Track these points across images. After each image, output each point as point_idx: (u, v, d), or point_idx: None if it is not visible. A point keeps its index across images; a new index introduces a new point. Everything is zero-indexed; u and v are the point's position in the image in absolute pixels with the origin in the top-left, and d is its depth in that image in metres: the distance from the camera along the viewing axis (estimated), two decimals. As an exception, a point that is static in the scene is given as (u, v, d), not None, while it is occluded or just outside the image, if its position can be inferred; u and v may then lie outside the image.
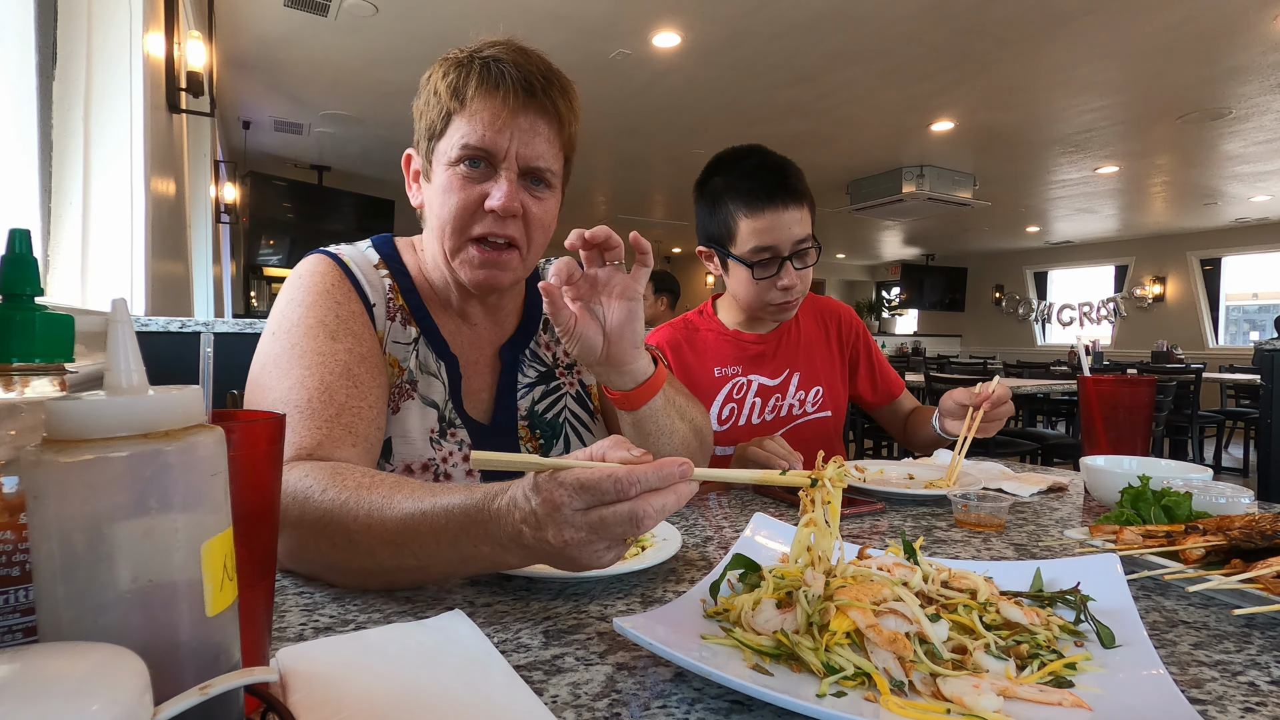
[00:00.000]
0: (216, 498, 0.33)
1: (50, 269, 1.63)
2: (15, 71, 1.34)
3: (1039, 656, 0.51)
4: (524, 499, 0.56)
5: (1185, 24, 3.94)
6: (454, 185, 0.87)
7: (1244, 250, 10.04)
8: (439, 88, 0.87)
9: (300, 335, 0.83)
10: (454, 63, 0.87)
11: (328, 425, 0.78)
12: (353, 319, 0.87)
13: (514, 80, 0.85)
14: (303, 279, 0.89)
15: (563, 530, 0.54)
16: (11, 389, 0.37)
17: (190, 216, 4.17)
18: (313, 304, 0.86)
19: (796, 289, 1.37)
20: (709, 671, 0.44)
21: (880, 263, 14.79)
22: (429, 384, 0.94)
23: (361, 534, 0.63)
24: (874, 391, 1.60)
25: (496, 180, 0.87)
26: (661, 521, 0.57)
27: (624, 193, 9.04)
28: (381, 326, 0.92)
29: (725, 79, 4.91)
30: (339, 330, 0.85)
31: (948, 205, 7.68)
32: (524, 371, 1.03)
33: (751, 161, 1.38)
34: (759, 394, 1.46)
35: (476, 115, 0.85)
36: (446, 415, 0.94)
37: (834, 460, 0.58)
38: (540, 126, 0.88)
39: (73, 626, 0.29)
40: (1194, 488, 0.85)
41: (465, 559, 0.61)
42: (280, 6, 3.91)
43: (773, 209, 1.33)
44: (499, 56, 0.86)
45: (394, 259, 0.98)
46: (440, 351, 0.96)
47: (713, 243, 1.43)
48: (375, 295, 0.92)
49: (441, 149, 0.88)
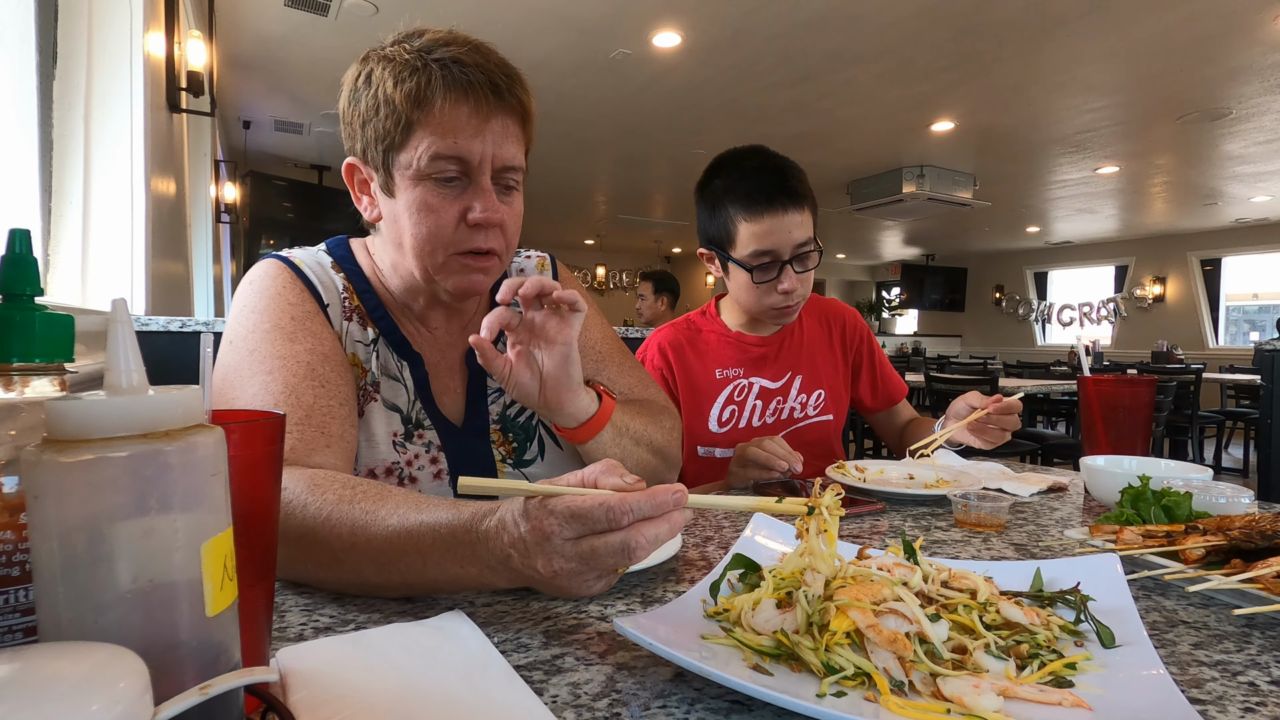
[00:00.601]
0: (216, 498, 0.33)
1: (50, 269, 1.63)
2: (15, 71, 1.34)
3: (1039, 656, 0.51)
4: (513, 524, 0.54)
5: (1185, 24, 3.94)
6: (430, 203, 0.82)
7: (1244, 250, 10.05)
8: (390, 95, 0.80)
9: (258, 340, 0.81)
10: (404, 66, 0.80)
11: (299, 429, 0.76)
12: (309, 319, 0.85)
13: (481, 84, 0.80)
14: (254, 284, 0.86)
15: (552, 560, 0.52)
16: (11, 389, 0.37)
17: (190, 216, 4.17)
18: (266, 308, 0.83)
19: (797, 293, 1.36)
20: (709, 671, 0.44)
21: (880, 263, 14.79)
22: (391, 387, 0.91)
23: (346, 552, 0.62)
24: (874, 396, 1.59)
25: (474, 191, 0.83)
26: (654, 552, 0.55)
27: (624, 193, 9.04)
28: (339, 326, 0.89)
29: (725, 79, 4.91)
30: (296, 331, 0.82)
31: (948, 205, 7.69)
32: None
33: (752, 163, 1.36)
34: (760, 396, 1.45)
35: (447, 124, 0.80)
36: (412, 417, 0.92)
37: (831, 489, 0.57)
38: (511, 127, 0.84)
39: (73, 626, 0.29)
40: (1194, 488, 0.85)
41: (453, 579, 0.60)
42: (280, 6, 3.91)
43: (772, 213, 1.31)
44: (458, 58, 0.80)
45: (348, 259, 0.95)
46: (402, 351, 0.93)
47: (713, 245, 1.43)
48: (329, 295, 0.89)
49: (404, 160, 0.82)
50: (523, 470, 0.98)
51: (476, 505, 0.60)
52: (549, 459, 1.01)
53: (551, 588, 0.55)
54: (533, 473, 0.99)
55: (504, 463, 0.97)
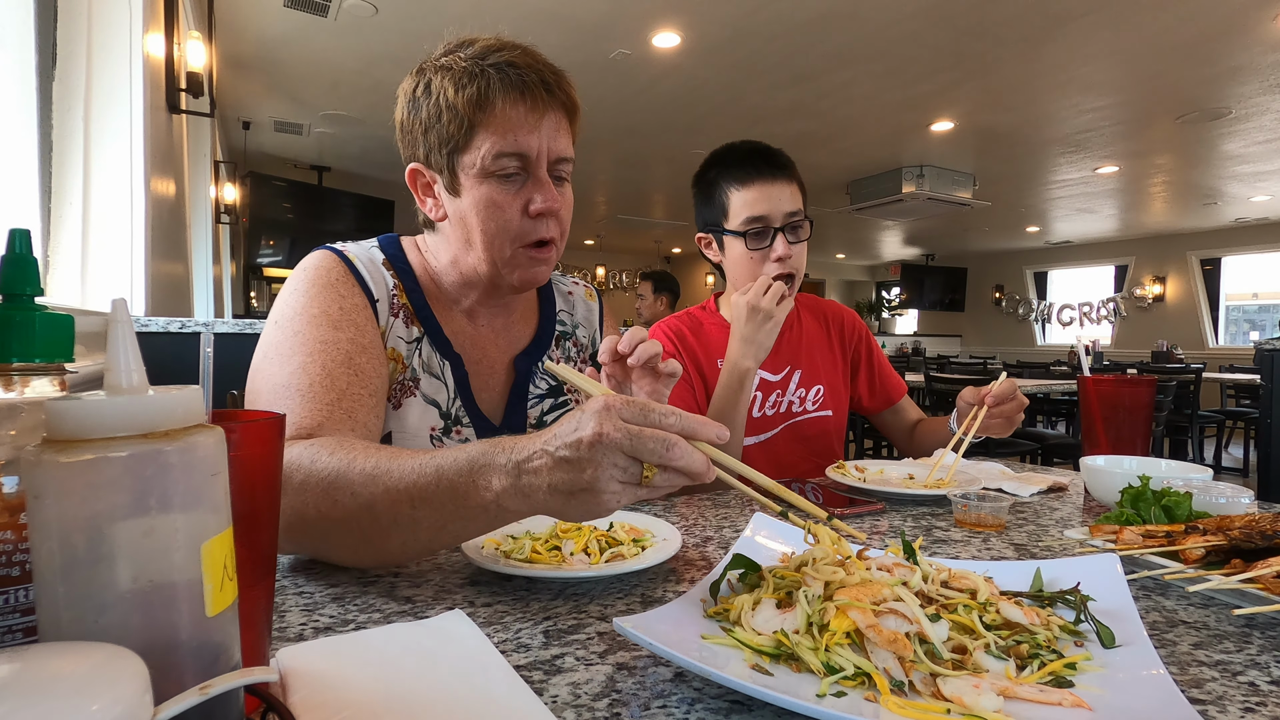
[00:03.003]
0: (216, 498, 0.33)
1: (50, 269, 1.63)
2: (15, 71, 1.34)
3: (1039, 656, 0.51)
4: (574, 413, 0.56)
5: (1185, 24, 3.94)
6: (498, 200, 0.89)
7: (1244, 250, 10.04)
8: (452, 100, 0.87)
9: (303, 324, 0.85)
10: (463, 73, 0.87)
11: (328, 409, 0.79)
12: (355, 311, 0.89)
13: (535, 83, 0.88)
14: (307, 272, 0.91)
15: (603, 424, 0.53)
16: (11, 389, 0.37)
17: (190, 217, 4.17)
18: (317, 295, 0.88)
19: (790, 263, 1.39)
20: (709, 671, 0.44)
21: (880, 263, 14.79)
22: (432, 384, 0.95)
23: (364, 485, 0.64)
24: (871, 395, 1.61)
25: (534, 183, 0.90)
26: (677, 471, 0.55)
27: (624, 193, 9.04)
28: (384, 321, 0.93)
29: (725, 79, 4.91)
30: (341, 320, 0.87)
31: (948, 205, 7.68)
32: (535, 383, 1.05)
33: (742, 146, 1.45)
34: (759, 388, 1.47)
35: (506, 122, 0.87)
36: (452, 413, 0.96)
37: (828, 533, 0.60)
38: (562, 121, 0.92)
39: (73, 626, 0.29)
40: (1194, 488, 0.85)
41: (464, 511, 0.60)
42: (280, 7, 3.91)
43: (762, 180, 1.39)
44: (512, 61, 0.87)
45: (399, 258, 0.99)
46: (444, 351, 0.97)
47: (709, 227, 1.48)
48: (379, 290, 0.93)
49: (468, 160, 0.89)
50: None
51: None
52: None
53: (575, 480, 0.54)
54: None
55: None
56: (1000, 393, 1.23)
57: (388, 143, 6.48)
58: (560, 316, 1.13)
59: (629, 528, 0.82)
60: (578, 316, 1.15)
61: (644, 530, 0.82)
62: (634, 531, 0.81)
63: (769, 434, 1.47)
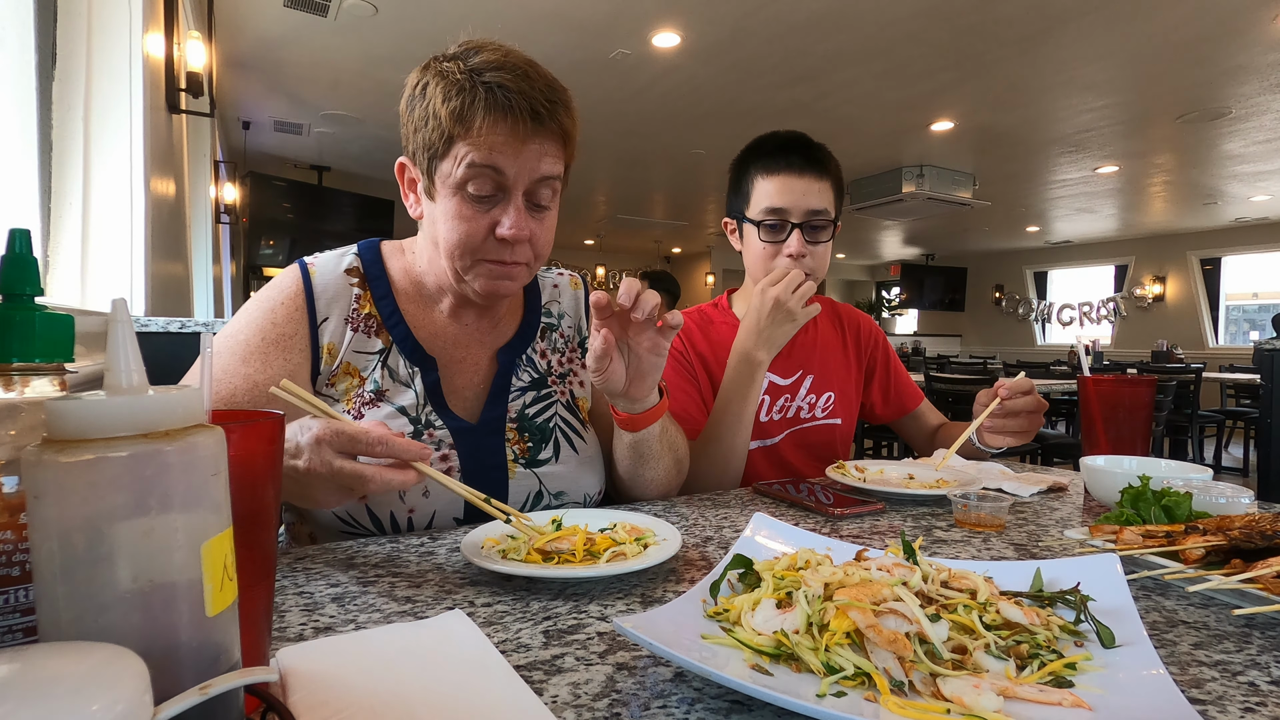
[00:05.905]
0: (216, 498, 0.33)
1: (50, 269, 1.63)
2: (15, 72, 1.34)
3: (1039, 656, 0.51)
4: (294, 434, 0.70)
5: (1185, 24, 3.94)
6: (462, 213, 0.89)
7: (1244, 250, 10.04)
8: (437, 109, 0.86)
9: (223, 344, 0.90)
10: (454, 84, 0.86)
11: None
12: (280, 342, 0.92)
13: (521, 109, 0.85)
14: (264, 290, 0.95)
15: (311, 459, 0.68)
16: (11, 389, 0.37)
17: (190, 217, 4.17)
18: (250, 320, 0.92)
19: (806, 263, 1.34)
20: (709, 671, 0.44)
21: (880, 263, 14.79)
22: (399, 393, 0.95)
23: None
24: (885, 403, 1.56)
25: (504, 206, 0.89)
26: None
27: (624, 193, 9.04)
28: (332, 339, 0.94)
29: (725, 79, 4.92)
30: (251, 355, 0.90)
31: (948, 205, 7.69)
32: (518, 375, 1.04)
33: (781, 136, 1.40)
34: (768, 391, 1.41)
35: (484, 141, 0.86)
36: (421, 418, 0.95)
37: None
38: (548, 148, 0.90)
39: (73, 626, 0.29)
40: (1194, 488, 0.85)
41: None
42: (280, 6, 3.91)
43: (790, 172, 1.33)
44: (504, 83, 0.85)
45: (374, 265, 1.00)
46: (415, 357, 0.97)
47: (733, 213, 1.44)
48: (331, 309, 0.95)
49: (444, 169, 0.88)
50: (535, 470, 0.99)
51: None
52: (564, 462, 1.02)
53: (301, 486, 0.71)
54: (546, 474, 1.00)
55: (516, 462, 0.98)
56: (1014, 385, 1.22)
57: (388, 142, 6.50)
58: (547, 308, 1.12)
59: (630, 527, 0.82)
60: (564, 306, 1.14)
61: (645, 529, 0.82)
62: (635, 531, 0.81)
63: (774, 440, 1.41)
